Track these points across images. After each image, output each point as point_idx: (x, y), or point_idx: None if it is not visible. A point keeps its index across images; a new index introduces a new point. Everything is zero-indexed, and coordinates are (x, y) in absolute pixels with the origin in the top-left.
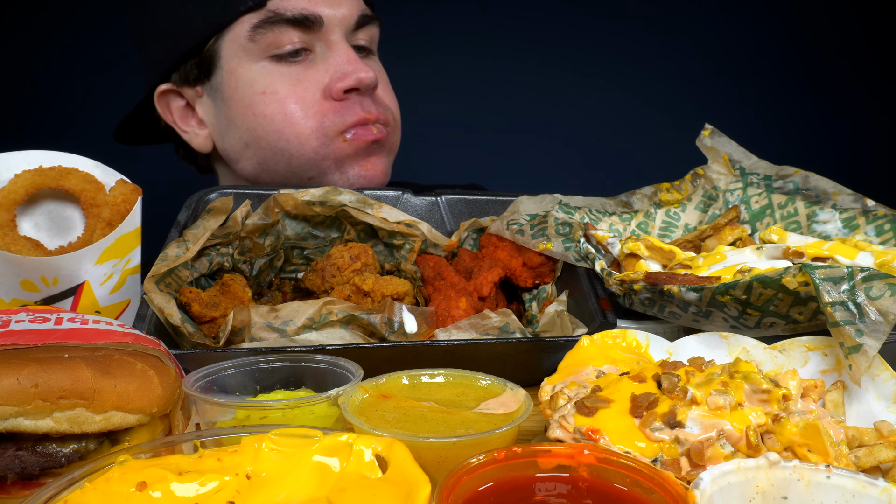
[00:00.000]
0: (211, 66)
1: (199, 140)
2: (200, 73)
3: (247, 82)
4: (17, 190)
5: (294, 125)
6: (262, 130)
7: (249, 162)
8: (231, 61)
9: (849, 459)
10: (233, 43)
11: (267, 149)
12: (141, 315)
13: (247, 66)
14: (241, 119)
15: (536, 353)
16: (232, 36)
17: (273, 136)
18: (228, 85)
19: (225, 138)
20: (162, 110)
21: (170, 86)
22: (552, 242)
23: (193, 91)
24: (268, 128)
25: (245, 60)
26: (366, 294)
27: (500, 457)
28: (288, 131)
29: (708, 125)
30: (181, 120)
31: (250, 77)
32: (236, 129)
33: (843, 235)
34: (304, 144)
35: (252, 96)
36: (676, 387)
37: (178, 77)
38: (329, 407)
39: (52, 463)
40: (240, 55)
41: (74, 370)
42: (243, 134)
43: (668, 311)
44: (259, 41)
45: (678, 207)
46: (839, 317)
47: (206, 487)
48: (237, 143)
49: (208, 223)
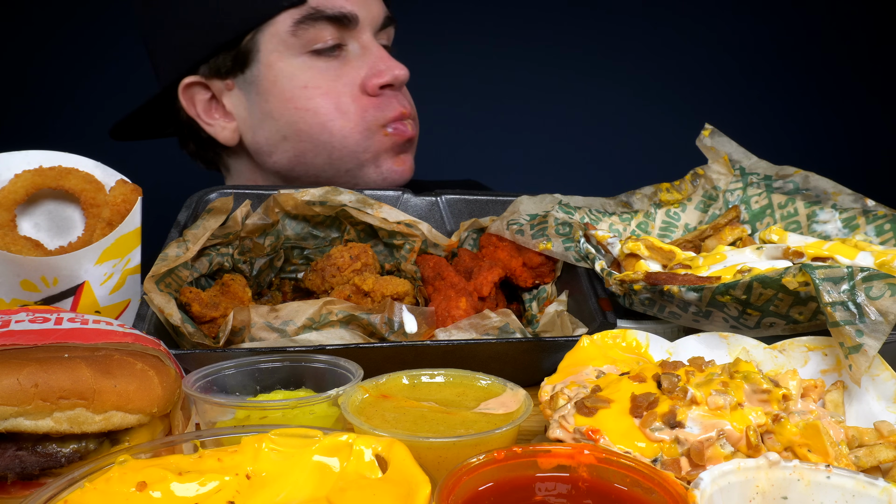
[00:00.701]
0: (247, 60)
1: (227, 133)
2: (235, 66)
3: (287, 76)
4: (17, 190)
5: (338, 118)
6: (304, 123)
7: (285, 155)
8: (270, 55)
9: (849, 459)
10: (273, 37)
11: (307, 142)
12: (141, 315)
13: (287, 61)
14: (281, 112)
15: (536, 353)
16: (272, 30)
17: (316, 128)
18: (267, 78)
19: (258, 131)
20: (186, 103)
21: (196, 78)
22: (552, 242)
23: (223, 84)
24: (311, 121)
25: (285, 55)
26: (366, 294)
27: (500, 457)
28: (331, 125)
29: (708, 125)
30: (205, 112)
31: (290, 71)
32: (273, 121)
33: (843, 235)
34: (348, 137)
35: (293, 90)
36: (676, 387)
37: (206, 69)
38: (329, 407)
39: (52, 463)
40: (280, 49)
41: (74, 370)
42: (282, 127)
43: (668, 311)
44: (301, 36)
45: (678, 207)
46: (839, 317)
47: (206, 487)
48: (274, 136)
49: (208, 223)
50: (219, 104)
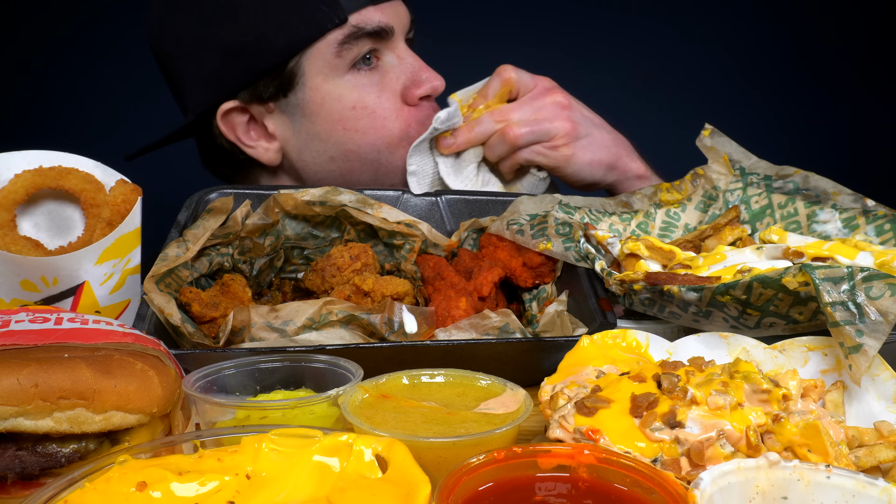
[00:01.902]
0: (291, 85)
1: (270, 154)
2: (278, 91)
3: (335, 98)
4: (17, 190)
5: (386, 136)
6: (352, 144)
7: (332, 174)
8: (316, 78)
9: (849, 459)
10: (317, 60)
11: (356, 161)
12: (141, 315)
13: (333, 82)
14: (329, 134)
15: (536, 353)
16: (315, 53)
17: (365, 147)
18: (313, 101)
19: (304, 152)
20: (225, 128)
21: (235, 103)
22: (552, 242)
23: (263, 107)
24: (360, 141)
25: (331, 76)
26: (366, 294)
27: (500, 457)
28: (380, 143)
29: (708, 125)
30: (244, 136)
31: (338, 93)
32: (321, 143)
33: (843, 235)
34: (394, 153)
35: (341, 111)
36: (676, 387)
37: (246, 95)
38: (329, 407)
39: (52, 463)
40: (325, 71)
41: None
42: (329, 148)
43: (668, 311)
44: (345, 56)
45: (678, 207)
46: (839, 317)
47: (206, 487)
48: (321, 157)
49: (208, 223)
50: (258, 125)
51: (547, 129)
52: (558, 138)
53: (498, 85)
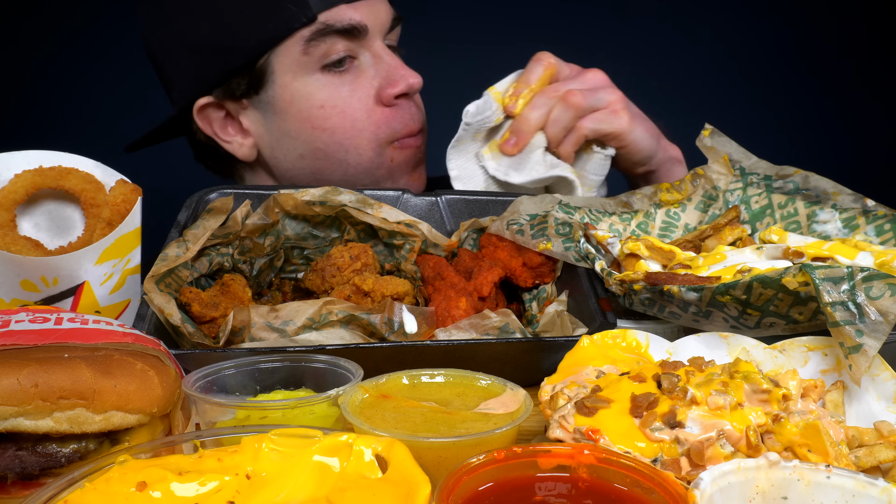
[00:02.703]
0: (262, 82)
1: (244, 150)
2: (249, 88)
3: (303, 96)
4: (17, 190)
5: (353, 137)
6: (320, 143)
7: (303, 172)
8: (285, 76)
9: (849, 459)
10: (286, 58)
11: (324, 160)
12: (141, 315)
13: (302, 80)
14: (298, 132)
15: (536, 353)
16: (284, 51)
17: (333, 147)
18: (283, 99)
19: (276, 149)
20: (202, 123)
21: (210, 99)
22: (552, 242)
23: (237, 104)
24: (327, 140)
25: (300, 74)
26: (366, 294)
27: (500, 457)
28: (348, 143)
29: (708, 125)
30: (221, 131)
31: (307, 91)
32: (291, 141)
33: (843, 235)
34: (362, 154)
35: (310, 110)
36: (676, 387)
37: (220, 92)
38: (329, 407)
39: (52, 463)
40: (294, 69)
41: (74, 370)
42: (299, 146)
43: (668, 311)
44: (312, 53)
45: (678, 207)
46: (839, 317)
47: (206, 487)
48: (291, 154)
49: (208, 223)
50: (234, 121)
51: (602, 97)
52: (614, 104)
53: (540, 70)
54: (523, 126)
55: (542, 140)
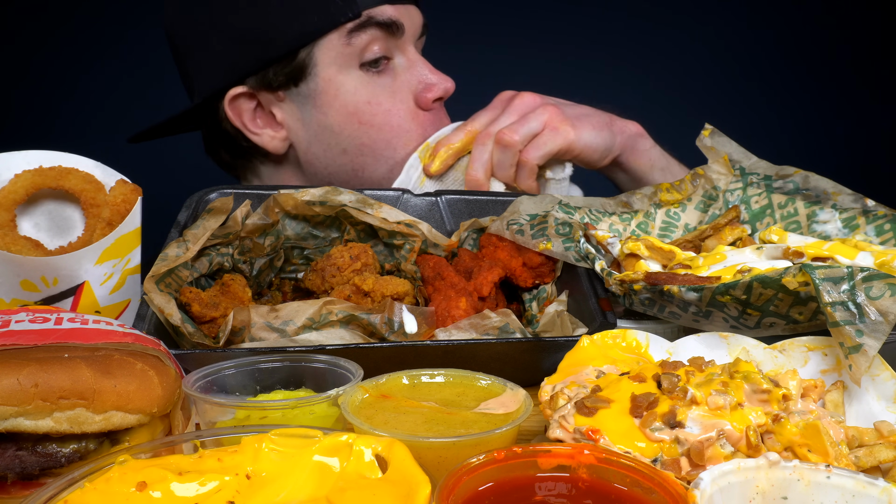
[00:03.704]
0: (302, 74)
1: (276, 143)
2: (288, 80)
3: (349, 91)
4: (17, 190)
5: (402, 136)
6: (367, 138)
7: (343, 168)
8: (328, 69)
9: (849, 459)
10: (329, 51)
11: (369, 156)
12: (141, 315)
13: (346, 74)
14: (342, 126)
15: (536, 353)
16: (327, 44)
17: (380, 144)
18: (327, 92)
19: (314, 144)
20: (232, 114)
21: (243, 89)
22: (552, 242)
23: (273, 95)
24: (375, 136)
25: (343, 68)
26: (366, 294)
27: (500, 457)
28: (396, 141)
29: (708, 125)
30: (251, 122)
31: (352, 86)
32: (334, 135)
33: (843, 235)
34: (412, 153)
35: (357, 104)
36: (676, 387)
37: (255, 81)
38: (329, 407)
39: (52, 463)
40: (338, 62)
41: (74, 370)
42: (343, 140)
43: (668, 311)
44: (354, 44)
45: (678, 207)
46: (839, 317)
47: (206, 487)
48: (333, 149)
49: (208, 223)
50: (265, 113)
51: (534, 121)
52: (551, 121)
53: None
54: (474, 184)
55: (498, 185)
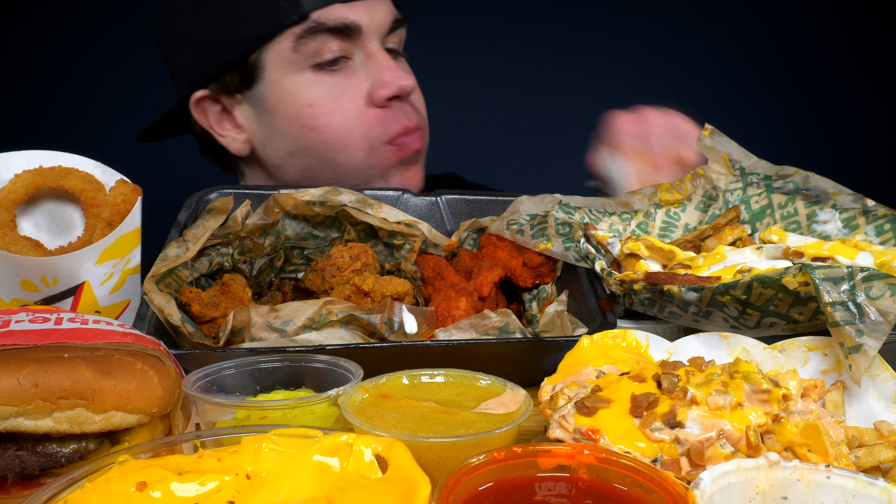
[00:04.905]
0: (253, 77)
1: (237, 145)
2: (242, 83)
3: (292, 94)
4: (17, 190)
5: (343, 136)
6: (308, 141)
7: (293, 169)
8: (275, 72)
9: (849, 459)
10: (277, 55)
11: (313, 157)
12: (141, 315)
13: (291, 78)
14: (287, 129)
15: (536, 353)
16: (275, 48)
17: (321, 146)
18: (272, 96)
19: (267, 146)
20: (198, 116)
21: (206, 92)
22: (552, 242)
23: (232, 98)
24: (315, 139)
25: (289, 72)
26: (366, 294)
27: (500, 457)
28: (336, 143)
29: (708, 125)
30: (217, 124)
31: (296, 88)
32: (281, 138)
33: (843, 235)
34: (352, 154)
35: (298, 107)
36: (676, 387)
37: (216, 86)
38: (329, 407)
39: (52, 463)
40: (284, 66)
41: (74, 370)
42: (288, 143)
43: (668, 311)
44: (302, 51)
45: (678, 207)
46: (839, 317)
47: (206, 487)
48: (281, 151)
49: (208, 223)
50: (230, 116)
51: None
52: None
53: None
54: None
55: None
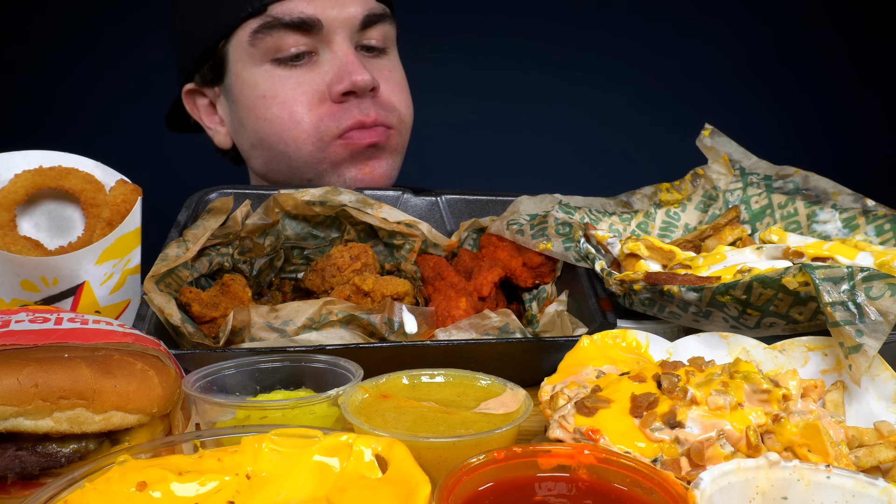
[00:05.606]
0: (222, 69)
1: (220, 137)
2: (215, 75)
3: (250, 85)
4: (17, 190)
5: (292, 129)
6: (263, 133)
7: (257, 161)
8: (237, 65)
9: (849, 459)
10: (237, 47)
11: (269, 150)
12: (141, 315)
13: (250, 70)
14: (247, 121)
15: (536, 353)
16: (236, 41)
17: (273, 138)
18: (235, 87)
19: (237, 137)
20: (189, 108)
21: (193, 86)
22: (552, 242)
23: (213, 91)
24: (268, 130)
25: (248, 64)
26: (366, 294)
27: (500, 457)
28: (286, 135)
29: (708, 125)
30: (206, 117)
31: (253, 80)
32: (244, 129)
33: (843, 235)
34: (301, 147)
35: (254, 99)
36: (676, 387)
37: (199, 78)
38: (329, 407)
39: (52, 463)
40: (244, 59)
41: (74, 370)
42: (249, 135)
43: (668, 311)
44: (259, 46)
45: (678, 207)
46: (839, 317)
47: (206, 487)
48: (245, 143)
49: (208, 223)
50: (215, 109)
51: None
52: None
53: None
54: None
55: None
